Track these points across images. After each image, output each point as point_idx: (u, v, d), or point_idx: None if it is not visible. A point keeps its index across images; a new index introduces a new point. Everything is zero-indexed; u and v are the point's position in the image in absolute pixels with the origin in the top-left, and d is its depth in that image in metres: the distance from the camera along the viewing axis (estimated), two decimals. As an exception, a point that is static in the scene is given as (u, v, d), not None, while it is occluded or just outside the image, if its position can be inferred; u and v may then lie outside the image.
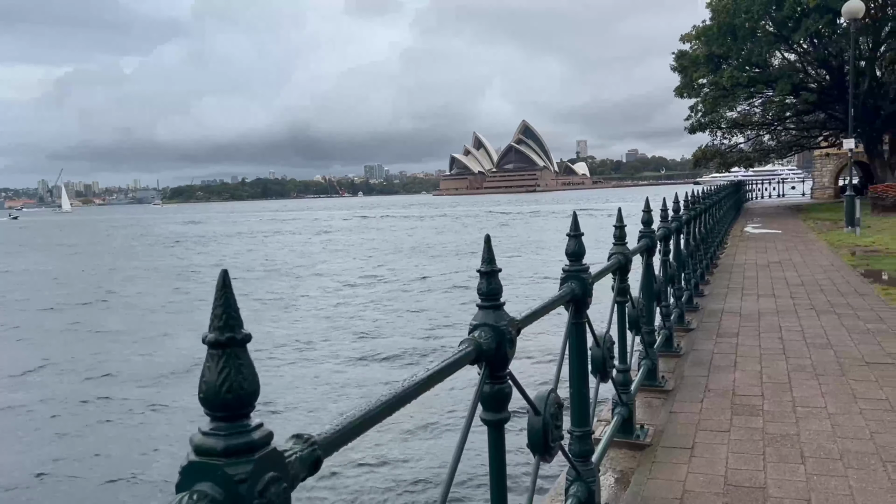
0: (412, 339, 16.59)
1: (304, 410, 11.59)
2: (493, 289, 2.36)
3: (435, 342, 15.95)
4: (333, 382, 13.28)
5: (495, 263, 2.37)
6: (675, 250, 8.19)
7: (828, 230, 21.20)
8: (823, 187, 47.28)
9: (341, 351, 15.72)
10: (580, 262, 3.53)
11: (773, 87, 33.02)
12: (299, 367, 14.50)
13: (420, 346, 15.71)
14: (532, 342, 12.84)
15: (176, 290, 27.42)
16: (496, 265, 2.37)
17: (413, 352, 15.26)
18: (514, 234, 50.10)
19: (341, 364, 14.62)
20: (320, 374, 13.97)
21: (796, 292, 10.34)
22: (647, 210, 6.05)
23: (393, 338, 16.91)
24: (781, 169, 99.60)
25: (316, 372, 14.11)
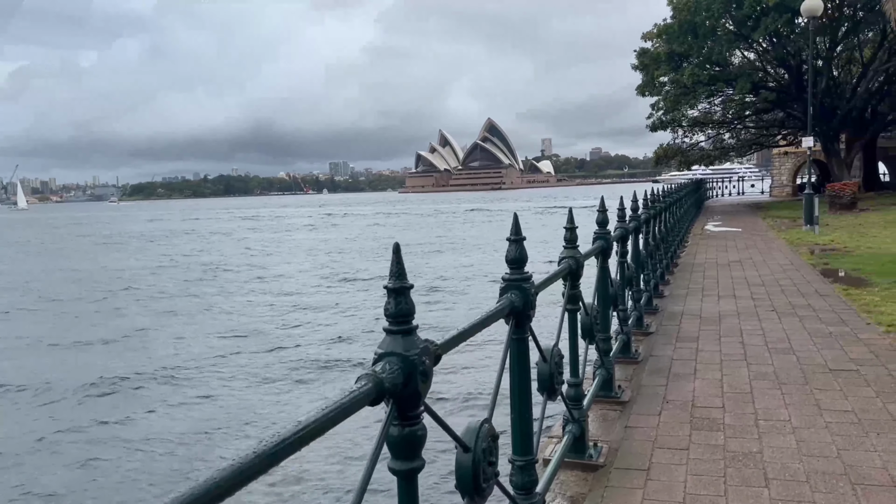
0: (323, 352, 15.33)
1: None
2: (402, 309, 1.90)
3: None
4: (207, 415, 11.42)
5: (406, 279, 1.93)
6: (633, 251, 7.86)
7: (787, 228, 21.24)
8: (782, 185, 47.86)
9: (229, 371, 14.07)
10: (521, 269, 3.12)
11: (733, 85, 33.20)
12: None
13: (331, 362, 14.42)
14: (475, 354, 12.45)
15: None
16: (406, 281, 1.93)
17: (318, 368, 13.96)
18: (478, 233, 49.85)
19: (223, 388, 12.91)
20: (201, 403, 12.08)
21: (757, 293, 10.11)
22: (601, 209, 5.67)
23: (299, 349, 15.63)
24: (738, 167, 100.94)
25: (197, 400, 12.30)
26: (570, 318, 4.51)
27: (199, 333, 17.87)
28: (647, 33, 35.54)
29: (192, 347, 16.24)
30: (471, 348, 12.02)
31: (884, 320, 7.77)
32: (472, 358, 12.33)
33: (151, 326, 19.03)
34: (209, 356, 15.18)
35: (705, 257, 14.75)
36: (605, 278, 5.72)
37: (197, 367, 14.30)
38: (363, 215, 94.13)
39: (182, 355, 15.48)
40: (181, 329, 18.56)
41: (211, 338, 17.18)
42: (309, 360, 14.47)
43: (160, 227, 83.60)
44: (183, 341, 17.00)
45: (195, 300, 23.52)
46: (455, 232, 52.01)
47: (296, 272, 30.63)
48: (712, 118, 39.56)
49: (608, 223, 5.72)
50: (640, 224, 7.97)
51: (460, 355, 11.51)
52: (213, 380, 13.39)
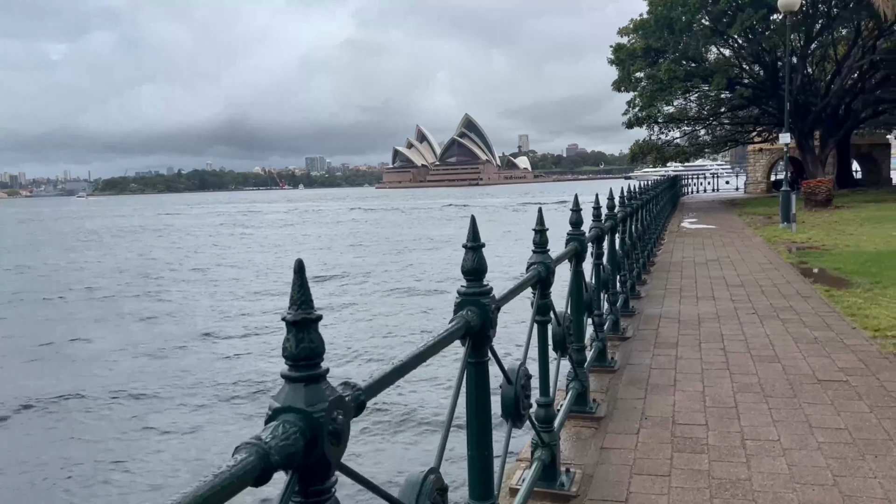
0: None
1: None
2: (305, 349, 1.45)
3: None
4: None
5: (311, 307, 1.46)
6: (609, 252, 7.43)
7: (763, 225, 21.03)
8: (756, 182, 47.96)
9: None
10: (480, 281, 2.66)
11: (708, 81, 33.03)
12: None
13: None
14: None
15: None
16: (312, 310, 1.46)
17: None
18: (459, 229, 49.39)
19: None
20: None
21: (736, 294, 9.75)
22: (575, 209, 5.21)
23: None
24: (710, 164, 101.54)
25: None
26: (540, 330, 4.05)
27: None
28: (623, 29, 35.26)
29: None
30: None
31: (869, 324, 7.42)
32: (425, 374, 10.91)
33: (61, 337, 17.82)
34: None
35: (682, 256, 14.42)
36: (580, 283, 5.28)
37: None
38: (334, 211, 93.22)
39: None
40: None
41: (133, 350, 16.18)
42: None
43: (116, 223, 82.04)
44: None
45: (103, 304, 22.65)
46: (431, 230, 51.53)
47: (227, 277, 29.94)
48: (688, 114, 39.42)
49: (582, 223, 5.27)
50: (616, 223, 7.54)
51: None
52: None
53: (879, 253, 13.34)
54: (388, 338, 15.36)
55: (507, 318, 3.68)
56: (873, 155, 45.80)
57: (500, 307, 2.81)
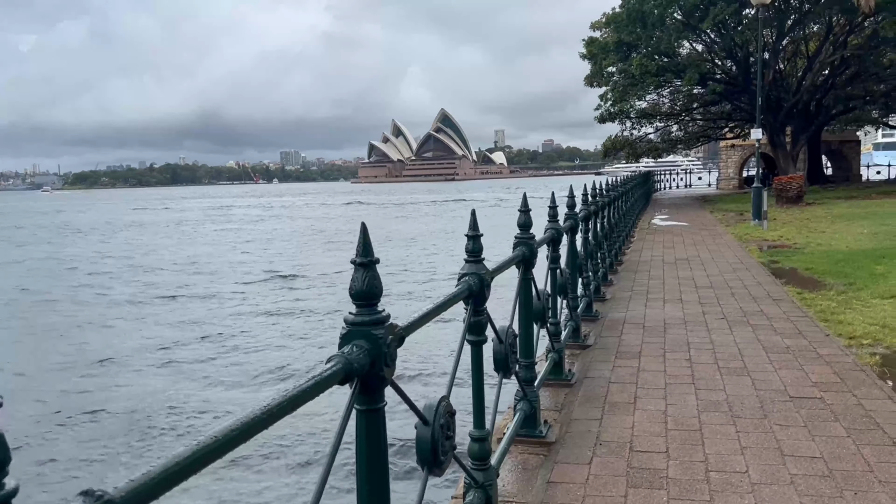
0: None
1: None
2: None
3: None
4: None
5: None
6: (569, 254, 6.91)
7: (735, 222, 20.73)
8: (728, 178, 47.99)
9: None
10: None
11: (681, 76, 32.77)
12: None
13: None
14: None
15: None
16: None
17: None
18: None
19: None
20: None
21: (705, 296, 9.29)
22: (524, 209, 4.65)
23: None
24: (682, 160, 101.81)
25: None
26: (474, 352, 3.46)
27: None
28: (596, 22, 34.88)
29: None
30: (433, 328, 11.75)
31: (844, 331, 6.98)
32: (434, 336, 12.55)
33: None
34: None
35: (651, 255, 13.98)
36: (528, 292, 4.72)
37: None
38: (308, 204, 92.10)
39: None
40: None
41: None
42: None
43: (83, 218, 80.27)
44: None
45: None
46: (414, 225, 50.90)
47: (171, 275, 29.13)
48: (660, 110, 39.21)
49: (531, 225, 4.70)
50: (576, 223, 7.01)
51: (423, 334, 11.17)
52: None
53: (851, 252, 13.00)
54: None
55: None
56: (843, 151, 46.03)
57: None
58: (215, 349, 14.75)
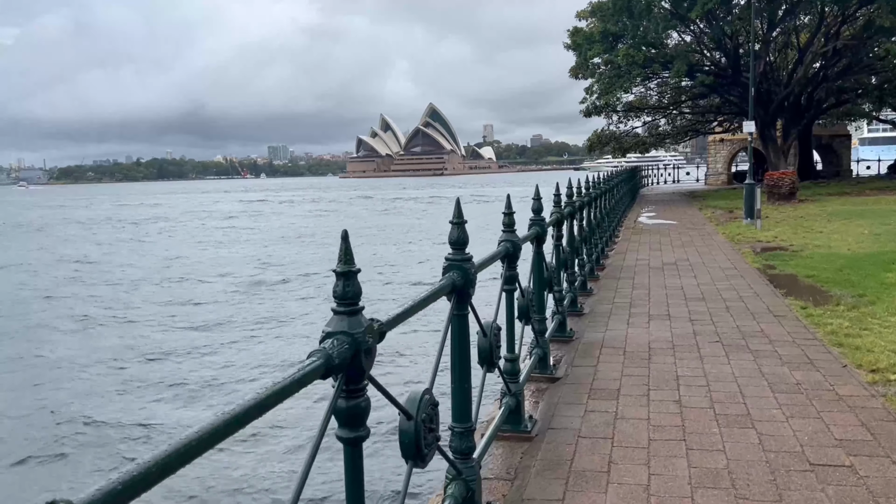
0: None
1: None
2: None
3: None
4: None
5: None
6: (535, 268, 5.70)
7: (726, 221, 19.60)
8: (717, 173, 46.98)
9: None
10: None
11: (668, 68, 31.56)
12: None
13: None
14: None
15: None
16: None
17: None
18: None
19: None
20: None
21: (697, 311, 8.10)
22: (457, 221, 3.41)
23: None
24: (664, 155, 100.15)
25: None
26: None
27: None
28: (581, 12, 33.66)
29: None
30: (416, 322, 11.05)
31: (864, 361, 5.79)
32: (418, 329, 12.62)
33: None
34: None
35: (636, 258, 12.80)
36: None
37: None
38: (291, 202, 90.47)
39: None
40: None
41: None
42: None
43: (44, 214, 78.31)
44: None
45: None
46: (399, 219, 49.58)
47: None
48: (648, 103, 38.06)
49: (465, 244, 3.48)
50: (542, 231, 5.78)
51: (407, 327, 11.10)
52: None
53: (855, 256, 11.87)
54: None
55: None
56: (834, 146, 45.10)
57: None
58: (197, 349, 14.22)
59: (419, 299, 2.75)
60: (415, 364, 11.80)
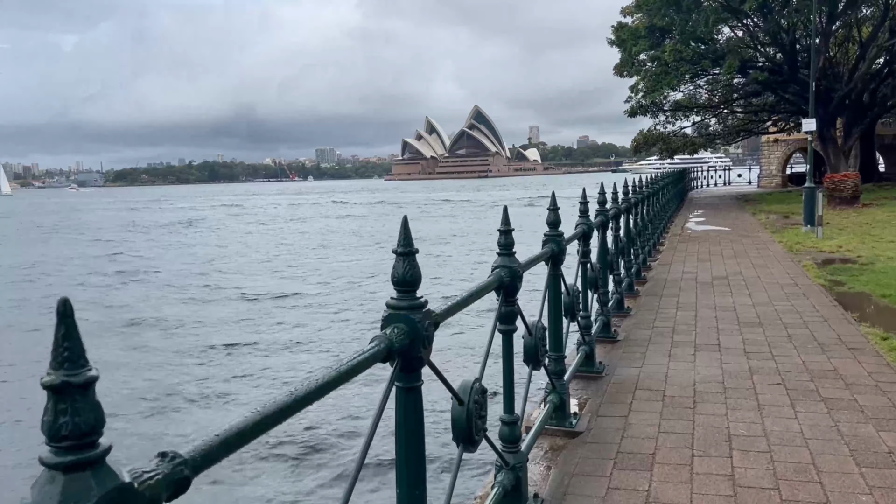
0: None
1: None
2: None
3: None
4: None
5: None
6: (550, 298, 4.58)
7: (782, 228, 18.05)
8: (771, 175, 44.81)
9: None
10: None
11: (719, 64, 29.82)
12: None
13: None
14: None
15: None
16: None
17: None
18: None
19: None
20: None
21: (753, 340, 6.84)
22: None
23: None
24: (709, 156, 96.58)
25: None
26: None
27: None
28: (627, 8, 32.15)
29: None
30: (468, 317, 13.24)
31: (975, 419, 4.51)
32: (469, 324, 13.18)
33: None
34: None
35: (682, 270, 11.50)
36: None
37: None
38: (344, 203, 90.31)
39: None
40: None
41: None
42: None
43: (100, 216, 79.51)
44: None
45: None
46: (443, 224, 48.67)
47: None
48: (697, 102, 36.22)
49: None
50: (558, 250, 4.65)
51: (457, 322, 12.94)
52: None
53: (936, 270, 10.38)
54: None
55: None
56: (898, 146, 42.49)
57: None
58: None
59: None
60: (461, 358, 12.24)
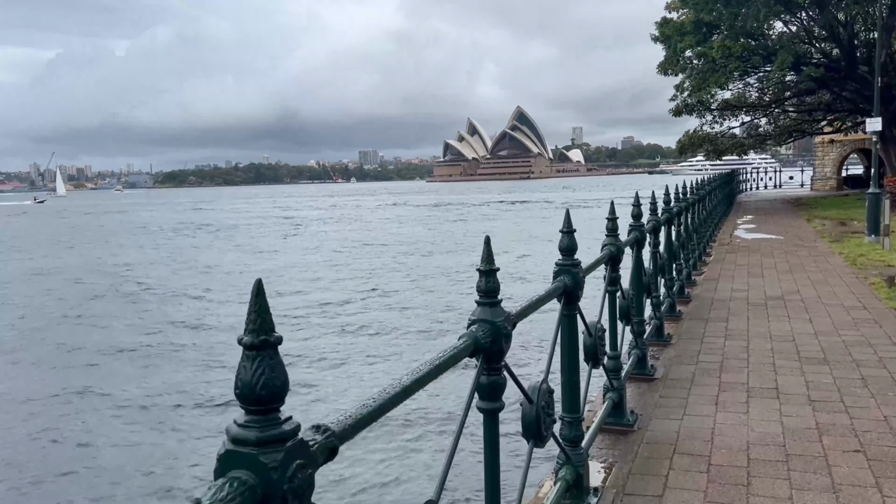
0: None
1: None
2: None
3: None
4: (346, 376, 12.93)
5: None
6: (558, 338, 3.59)
7: (841, 236, 16.58)
8: (825, 178, 42.61)
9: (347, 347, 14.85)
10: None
11: (771, 61, 28.12)
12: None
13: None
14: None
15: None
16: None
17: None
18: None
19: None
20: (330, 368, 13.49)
21: (818, 384, 5.70)
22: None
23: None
24: (754, 158, 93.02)
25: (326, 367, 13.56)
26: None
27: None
28: (672, 3, 30.68)
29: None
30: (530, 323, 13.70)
31: None
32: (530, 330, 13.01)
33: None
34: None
35: (731, 288, 10.30)
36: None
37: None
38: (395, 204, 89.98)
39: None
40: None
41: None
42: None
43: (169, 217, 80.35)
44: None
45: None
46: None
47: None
48: (746, 101, 34.43)
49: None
50: (573, 284, 3.63)
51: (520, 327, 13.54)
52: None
53: None
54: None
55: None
56: (965, 147, 39.97)
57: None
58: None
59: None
60: (525, 359, 12.35)
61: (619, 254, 4.93)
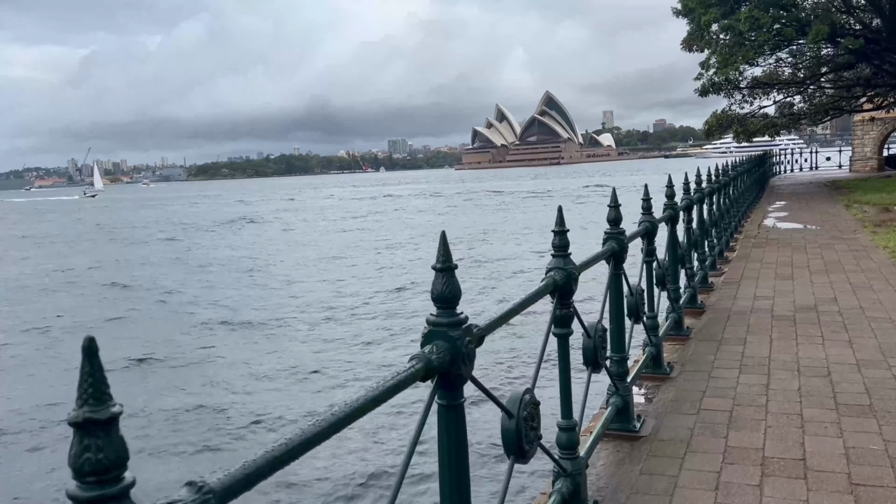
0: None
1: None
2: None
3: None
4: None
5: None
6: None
7: (883, 225, 14.72)
8: (865, 158, 40.13)
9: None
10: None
11: (805, 32, 25.91)
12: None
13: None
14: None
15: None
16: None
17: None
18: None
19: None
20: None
21: (863, 455, 4.11)
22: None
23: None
24: (781, 139, 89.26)
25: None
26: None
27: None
28: (697, -25, 28.54)
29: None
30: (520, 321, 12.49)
31: None
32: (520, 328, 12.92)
33: None
34: None
35: (754, 294, 8.67)
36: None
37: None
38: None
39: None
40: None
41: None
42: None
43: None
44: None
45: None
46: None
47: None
48: (779, 78, 32.15)
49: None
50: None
51: (509, 327, 12.13)
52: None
53: None
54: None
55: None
56: None
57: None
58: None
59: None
60: (516, 360, 12.09)
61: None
